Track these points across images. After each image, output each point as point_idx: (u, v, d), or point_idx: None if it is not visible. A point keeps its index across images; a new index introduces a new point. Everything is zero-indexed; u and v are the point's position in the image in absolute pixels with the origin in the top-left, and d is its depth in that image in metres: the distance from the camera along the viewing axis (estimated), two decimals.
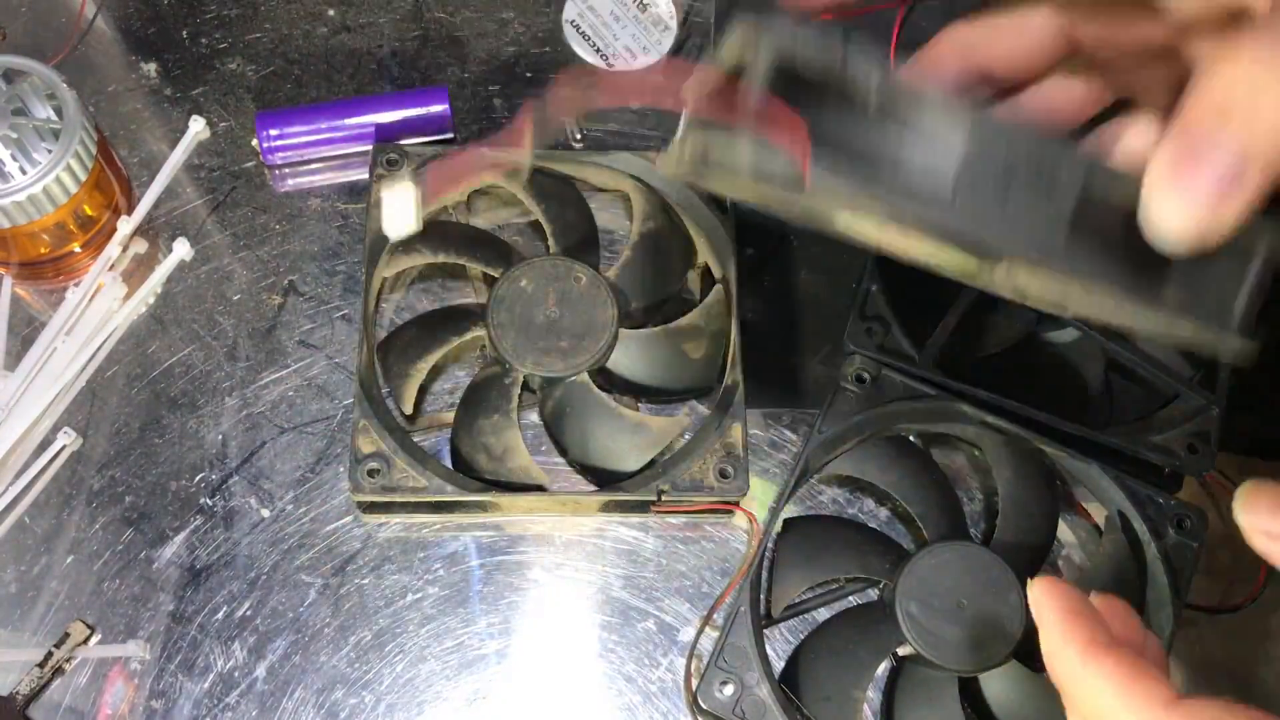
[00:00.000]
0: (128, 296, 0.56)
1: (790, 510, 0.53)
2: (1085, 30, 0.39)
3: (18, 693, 0.49)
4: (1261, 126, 0.30)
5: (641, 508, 0.53)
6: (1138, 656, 0.33)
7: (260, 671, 0.51)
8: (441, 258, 0.55)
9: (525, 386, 0.53)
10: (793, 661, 0.51)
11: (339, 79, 0.62)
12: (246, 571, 0.52)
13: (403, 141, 0.58)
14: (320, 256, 0.58)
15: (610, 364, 0.54)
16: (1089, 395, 0.56)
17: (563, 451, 0.53)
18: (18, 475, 0.53)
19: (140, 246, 0.57)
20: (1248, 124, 0.30)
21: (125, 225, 0.56)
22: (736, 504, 0.52)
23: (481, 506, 0.52)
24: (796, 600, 0.52)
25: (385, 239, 0.54)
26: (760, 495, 0.53)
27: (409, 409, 0.53)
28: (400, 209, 0.46)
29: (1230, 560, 0.54)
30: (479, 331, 0.53)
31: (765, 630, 0.51)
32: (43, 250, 0.56)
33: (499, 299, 0.53)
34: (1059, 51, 0.41)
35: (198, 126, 0.59)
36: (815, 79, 0.33)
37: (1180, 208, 0.31)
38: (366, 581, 0.52)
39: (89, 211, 0.56)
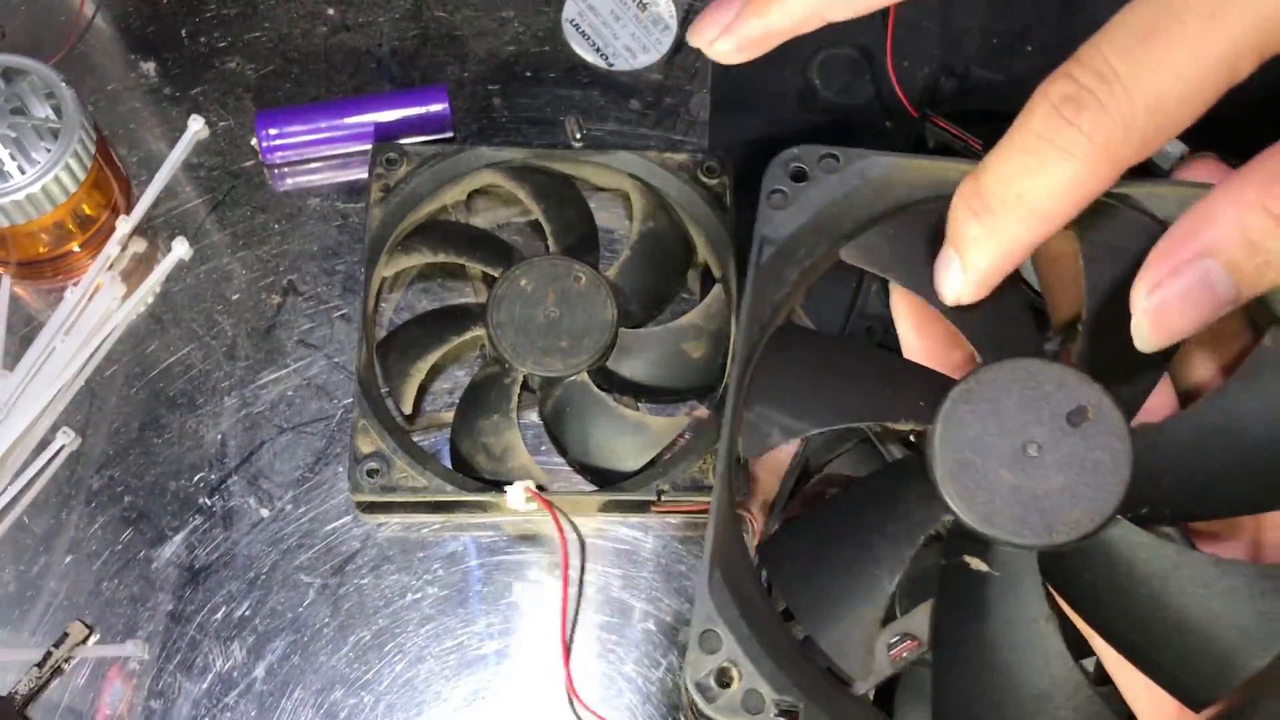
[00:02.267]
0: (127, 296, 0.56)
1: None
2: None
3: (16, 693, 0.49)
4: None
5: (641, 508, 0.53)
6: None
7: (259, 672, 0.50)
8: (441, 257, 0.55)
9: (525, 386, 0.53)
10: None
11: (338, 78, 0.61)
12: (245, 571, 0.52)
13: (402, 140, 0.58)
14: (319, 256, 0.58)
15: (610, 364, 0.54)
16: None
17: (563, 451, 0.53)
18: (16, 475, 0.53)
19: (139, 246, 0.57)
20: None
21: (124, 224, 0.56)
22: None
23: (481, 506, 0.52)
24: None
25: (384, 238, 0.54)
26: None
27: (408, 409, 0.53)
28: None
29: None
30: (479, 331, 0.53)
31: None
32: (41, 249, 0.56)
33: (499, 299, 0.53)
34: None
35: (197, 126, 0.59)
36: None
37: None
38: (366, 581, 0.52)
39: (88, 211, 0.56)
